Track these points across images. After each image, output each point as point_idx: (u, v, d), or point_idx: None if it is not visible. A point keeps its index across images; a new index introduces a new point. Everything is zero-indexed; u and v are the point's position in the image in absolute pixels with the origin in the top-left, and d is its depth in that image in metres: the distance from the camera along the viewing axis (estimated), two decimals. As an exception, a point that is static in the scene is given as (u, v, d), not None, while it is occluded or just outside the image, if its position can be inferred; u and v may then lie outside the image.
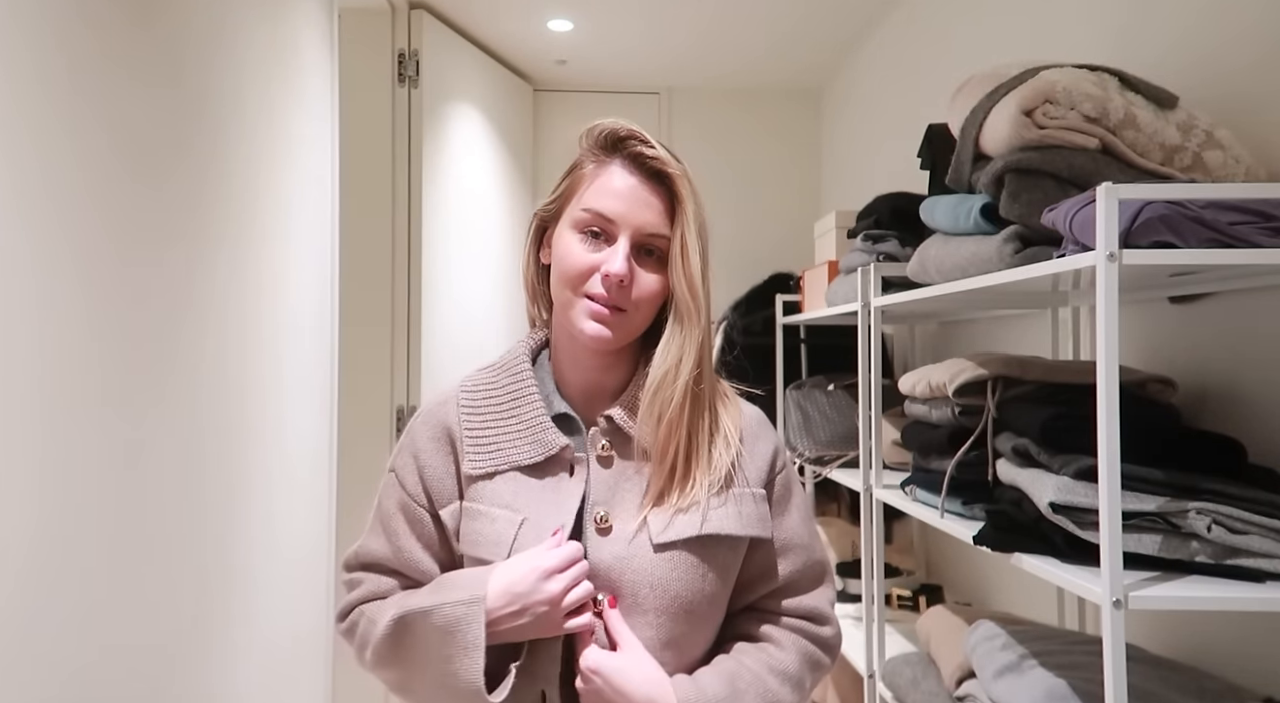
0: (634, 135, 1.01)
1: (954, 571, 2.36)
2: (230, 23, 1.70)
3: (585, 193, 1.00)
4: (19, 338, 1.16)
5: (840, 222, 2.40)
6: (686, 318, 0.98)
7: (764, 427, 1.09)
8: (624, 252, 0.97)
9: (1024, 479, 1.18)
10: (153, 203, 1.45)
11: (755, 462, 1.05)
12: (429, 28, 2.90)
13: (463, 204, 3.10)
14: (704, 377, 1.01)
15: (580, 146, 1.04)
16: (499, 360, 1.08)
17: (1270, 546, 1.00)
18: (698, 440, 1.00)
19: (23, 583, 1.17)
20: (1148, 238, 0.97)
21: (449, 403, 1.05)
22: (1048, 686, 1.16)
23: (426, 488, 1.03)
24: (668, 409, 0.98)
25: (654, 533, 0.96)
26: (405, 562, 1.03)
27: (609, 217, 0.98)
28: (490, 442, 1.01)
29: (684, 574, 0.96)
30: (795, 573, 1.06)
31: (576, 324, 0.99)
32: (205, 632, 1.59)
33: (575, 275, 0.98)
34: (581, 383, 1.05)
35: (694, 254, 0.98)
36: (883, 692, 1.69)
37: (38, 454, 1.20)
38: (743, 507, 1.01)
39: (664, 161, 1.00)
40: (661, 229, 0.99)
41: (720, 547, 0.99)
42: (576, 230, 1.00)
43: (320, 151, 2.12)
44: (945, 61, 2.39)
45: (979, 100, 1.29)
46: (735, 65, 3.42)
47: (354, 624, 1.03)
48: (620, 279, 0.96)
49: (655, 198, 0.99)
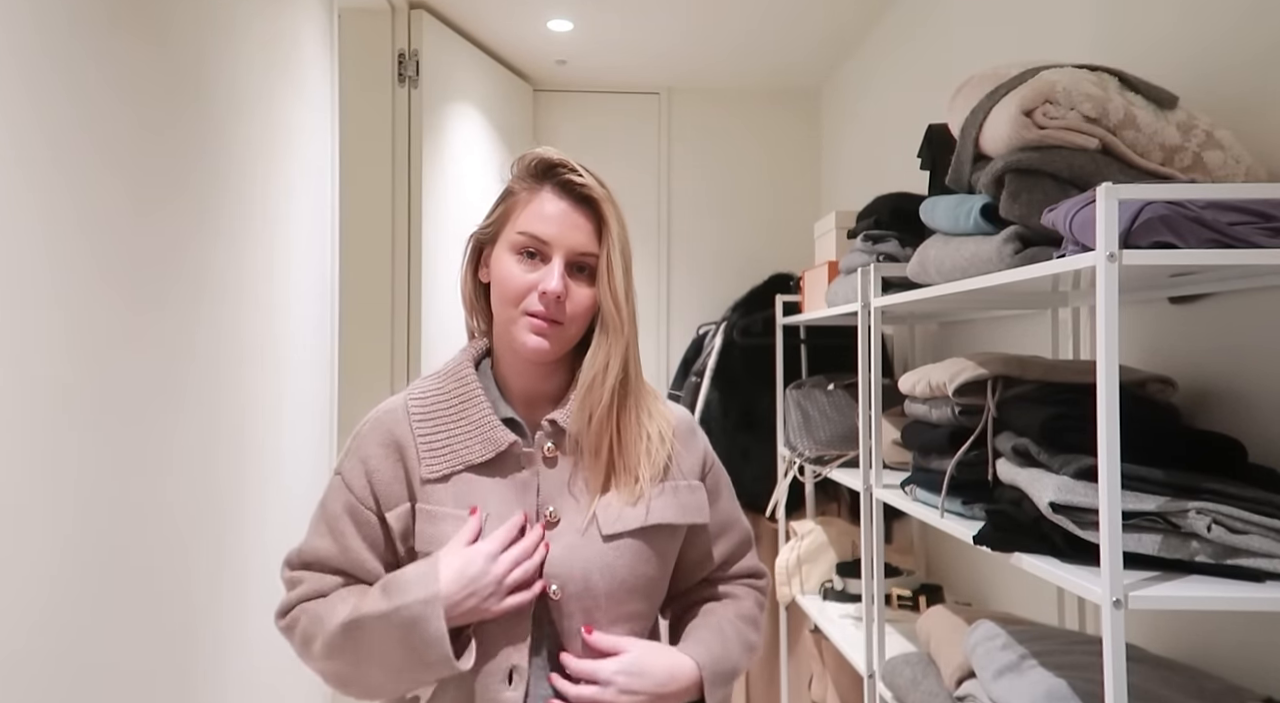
0: (564, 164, 1.10)
1: (954, 571, 2.36)
2: (230, 22, 1.70)
3: (520, 217, 1.09)
4: (19, 337, 1.16)
5: (840, 222, 2.40)
6: (612, 327, 1.09)
7: (693, 427, 1.22)
8: (559, 270, 1.06)
9: (1024, 479, 1.18)
10: (152, 202, 1.45)
11: (690, 458, 1.18)
12: (429, 28, 2.90)
13: (462, 204, 3.10)
14: (630, 380, 1.11)
15: (512, 173, 1.14)
16: (444, 369, 1.15)
17: (1270, 546, 1.00)
18: (628, 437, 1.11)
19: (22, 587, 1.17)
20: (1148, 238, 0.97)
21: (397, 411, 1.12)
22: (1048, 686, 1.16)
23: (374, 492, 1.09)
24: (597, 408, 1.08)
25: (603, 525, 1.07)
26: (352, 561, 1.08)
27: (543, 238, 1.07)
28: (443, 444, 1.08)
29: (630, 560, 1.08)
30: (734, 546, 1.24)
31: (518, 338, 1.07)
32: (207, 629, 1.59)
33: (515, 294, 1.07)
34: (523, 390, 1.14)
35: (618, 270, 1.08)
36: (883, 692, 1.69)
37: (35, 455, 1.20)
38: (681, 497, 1.13)
39: (590, 187, 1.09)
40: (590, 248, 1.09)
41: (662, 534, 1.11)
42: (514, 252, 1.09)
43: (320, 151, 2.12)
44: (945, 61, 2.39)
45: (979, 100, 1.29)
46: (735, 65, 3.42)
47: (295, 621, 1.08)
48: (557, 295, 1.05)
49: (584, 219, 1.09)
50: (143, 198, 1.42)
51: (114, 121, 1.35)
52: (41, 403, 1.21)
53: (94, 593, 1.31)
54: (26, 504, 1.18)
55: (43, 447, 1.21)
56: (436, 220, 2.94)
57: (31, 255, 1.18)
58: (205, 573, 1.60)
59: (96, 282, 1.31)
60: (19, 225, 1.16)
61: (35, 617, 1.19)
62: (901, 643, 1.91)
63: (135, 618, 1.40)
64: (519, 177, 1.13)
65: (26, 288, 1.18)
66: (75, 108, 1.26)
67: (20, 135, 1.16)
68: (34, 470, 1.19)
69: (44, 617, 1.21)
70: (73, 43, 1.26)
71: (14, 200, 1.15)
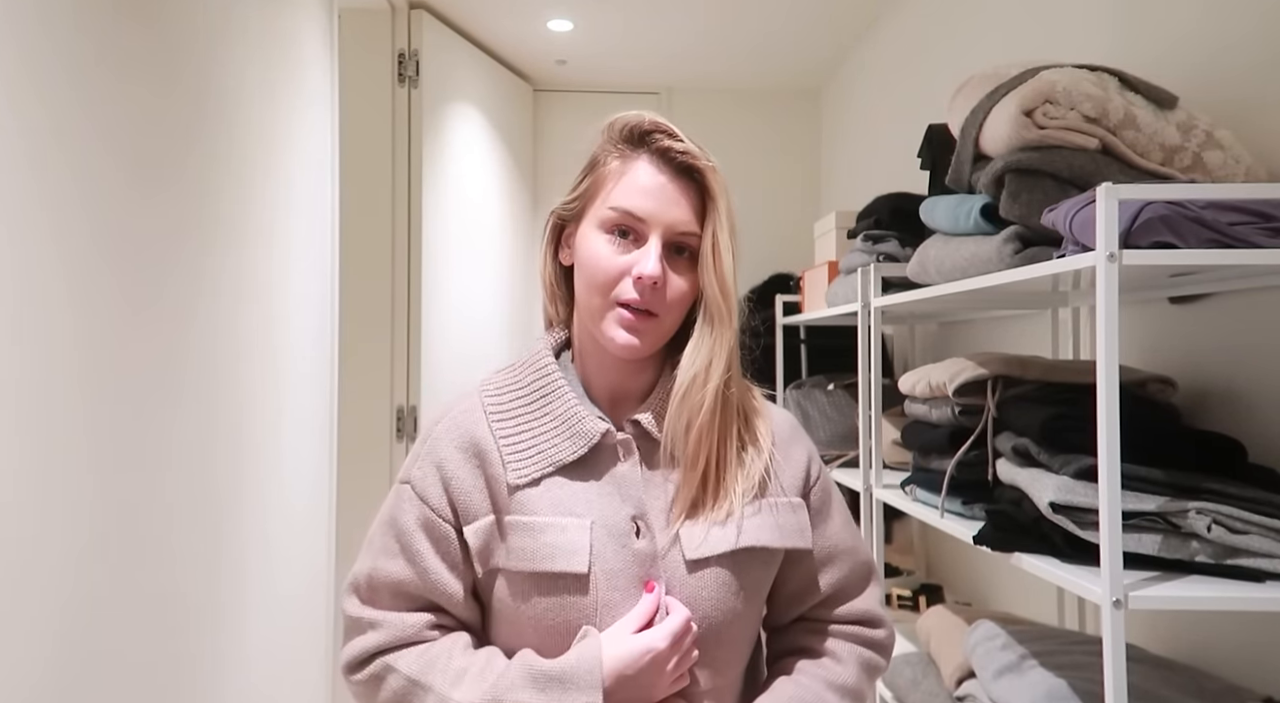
0: (660, 127, 0.95)
1: (954, 571, 2.36)
2: (230, 21, 1.70)
3: (612, 191, 0.94)
4: (17, 337, 1.16)
5: (840, 222, 2.40)
6: (717, 320, 0.94)
7: (797, 433, 1.05)
8: (656, 251, 0.92)
9: (1024, 479, 1.18)
10: (152, 202, 1.45)
11: (790, 469, 1.00)
12: (429, 28, 2.90)
13: (462, 204, 3.10)
14: (734, 381, 0.97)
15: (600, 140, 0.98)
16: (520, 361, 1.01)
17: (1270, 546, 1.00)
18: (728, 448, 0.95)
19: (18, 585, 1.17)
20: (1148, 238, 0.97)
21: (474, 411, 0.97)
22: (1048, 686, 1.16)
23: (452, 503, 0.94)
24: (697, 416, 0.93)
25: (688, 549, 0.92)
26: (432, 586, 0.93)
27: (639, 215, 0.93)
28: (529, 445, 0.94)
29: (714, 593, 0.92)
30: (843, 579, 1.02)
31: (606, 332, 0.94)
32: (207, 629, 1.59)
33: (605, 280, 0.93)
34: (607, 386, 1.00)
35: (725, 253, 0.94)
36: (883, 692, 1.69)
37: (31, 454, 1.20)
38: (779, 517, 0.96)
39: (694, 155, 0.94)
40: (692, 226, 0.94)
41: (754, 561, 0.95)
42: (604, 230, 0.94)
43: (320, 151, 2.12)
44: (945, 61, 2.39)
45: (979, 100, 1.29)
46: (735, 65, 3.42)
47: (377, 679, 0.92)
48: (654, 281, 0.91)
49: (685, 194, 0.95)
50: (143, 197, 1.42)
51: (113, 121, 1.35)
52: (39, 396, 1.21)
53: (91, 587, 1.31)
54: (22, 499, 1.18)
55: (38, 439, 1.21)
56: (436, 220, 2.94)
57: (39, 258, 1.18)
58: (202, 569, 1.59)
59: (97, 282, 1.31)
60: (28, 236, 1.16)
61: (33, 611, 1.19)
62: (901, 643, 1.91)
63: (134, 615, 1.40)
64: (609, 144, 0.97)
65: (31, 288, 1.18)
66: (77, 107, 1.26)
67: (11, 142, 1.16)
68: (29, 464, 1.19)
69: (42, 611, 1.21)
70: (79, 38, 1.26)
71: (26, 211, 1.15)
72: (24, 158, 1.17)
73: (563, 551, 0.90)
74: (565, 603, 0.90)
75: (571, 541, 0.90)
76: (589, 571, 0.90)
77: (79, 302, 1.27)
